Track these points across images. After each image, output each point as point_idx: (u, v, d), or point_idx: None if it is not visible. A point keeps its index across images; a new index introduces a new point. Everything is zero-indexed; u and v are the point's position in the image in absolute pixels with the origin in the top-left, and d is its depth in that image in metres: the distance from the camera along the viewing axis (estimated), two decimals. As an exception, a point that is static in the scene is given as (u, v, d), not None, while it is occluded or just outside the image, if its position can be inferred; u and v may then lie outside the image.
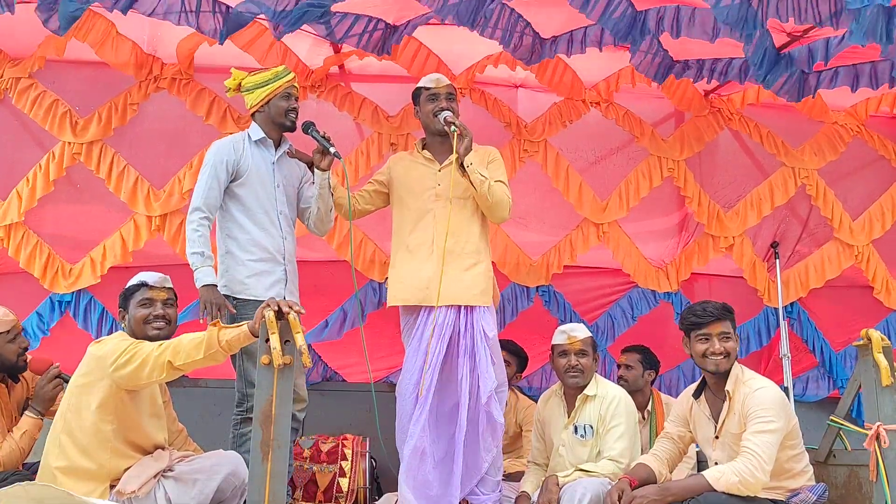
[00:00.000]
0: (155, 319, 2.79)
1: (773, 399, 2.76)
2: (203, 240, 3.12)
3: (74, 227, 4.32)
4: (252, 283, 3.18)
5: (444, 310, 3.27)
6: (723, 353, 2.86)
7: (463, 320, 3.29)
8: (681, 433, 3.06)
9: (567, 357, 3.35)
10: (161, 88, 4.26)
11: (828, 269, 4.70)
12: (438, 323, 3.26)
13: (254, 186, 3.24)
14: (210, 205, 3.18)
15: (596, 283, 4.74)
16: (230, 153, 3.23)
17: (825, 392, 4.74)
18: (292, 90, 3.33)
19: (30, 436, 2.97)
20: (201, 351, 2.48)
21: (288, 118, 3.30)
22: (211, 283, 3.10)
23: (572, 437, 3.31)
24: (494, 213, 3.37)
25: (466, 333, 3.27)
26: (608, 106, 4.61)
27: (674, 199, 4.79)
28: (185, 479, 2.66)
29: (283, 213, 3.30)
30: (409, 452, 3.16)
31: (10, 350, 3.03)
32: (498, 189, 3.33)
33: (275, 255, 3.24)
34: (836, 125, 4.78)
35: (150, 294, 2.82)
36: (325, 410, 4.07)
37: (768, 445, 2.68)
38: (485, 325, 3.29)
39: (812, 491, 2.80)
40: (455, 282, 3.28)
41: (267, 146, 3.32)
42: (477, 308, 3.31)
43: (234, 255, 3.22)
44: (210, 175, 3.19)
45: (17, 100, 4.15)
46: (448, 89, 3.43)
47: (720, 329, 2.88)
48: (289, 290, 3.28)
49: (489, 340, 3.28)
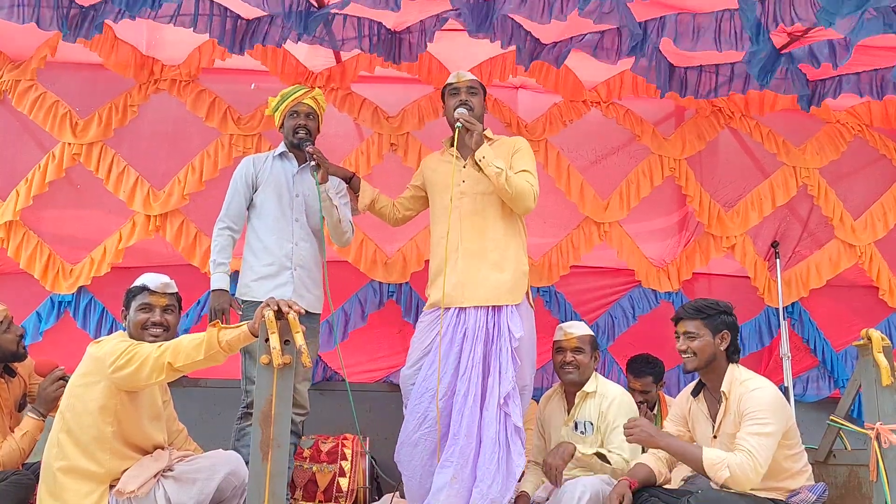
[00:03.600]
0: (153, 326, 2.79)
1: (769, 400, 2.75)
2: (219, 248, 3.41)
3: (75, 228, 4.33)
4: (256, 286, 3.38)
5: (473, 310, 3.23)
6: (687, 352, 2.89)
7: (491, 320, 3.23)
8: (680, 432, 3.05)
9: (563, 353, 3.37)
10: (161, 90, 4.27)
11: (829, 268, 4.69)
12: (460, 324, 3.22)
13: (271, 196, 3.49)
14: (231, 215, 3.48)
15: (597, 283, 4.73)
16: (249, 167, 3.54)
17: (825, 392, 4.73)
18: (299, 107, 3.54)
19: (31, 437, 2.98)
20: (201, 352, 2.47)
21: (295, 136, 3.53)
22: (218, 289, 3.33)
23: (572, 433, 3.31)
24: (517, 204, 3.30)
25: (492, 333, 3.21)
26: (608, 105, 4.61)
27: (674, 199, 4.78)
28: (185, 478, 2.66)
29: (300, 220, 3.49)
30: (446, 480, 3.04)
31: (8, 340, 3.05)
32: (518, 179, 3.27)
33: (283, 260, 3.40)
34: (838, 124, 4.77)
35: (150, 299, 2.82)
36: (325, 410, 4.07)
37: (765, 448, 2.66)
38: (511, 325, 3.22)
39: (812, 490, 2.79)
40: (479, 282, 3.24)
41: (289, 159, 3.57)
42: (504, 308, 3.25)
43: (247, 261, 3.47)
44: (232, 189, 3.53)
45: (18, 101, 4.16)
46: (469, 84, 3.44)
47: (684, 328, 2.92)
48: (296, 294, 3.36)
49: (514, 341, 3.19)
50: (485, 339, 3.20)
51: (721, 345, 2.89)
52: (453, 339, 3.22)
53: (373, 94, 4.47)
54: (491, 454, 3.05)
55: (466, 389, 3.14)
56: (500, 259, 3.29)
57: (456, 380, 3.18)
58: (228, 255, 3.41)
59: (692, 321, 2.91)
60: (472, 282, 3.25)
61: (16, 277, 4.24)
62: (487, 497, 2.98)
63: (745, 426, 2.72)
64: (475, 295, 3.24)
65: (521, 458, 3.10)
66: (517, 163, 3.35)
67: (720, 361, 2.90)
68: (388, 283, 4.46)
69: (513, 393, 3.15)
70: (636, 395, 3.73)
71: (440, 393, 3.16)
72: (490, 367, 3.17)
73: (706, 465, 2.70)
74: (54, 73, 4.24)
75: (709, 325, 2.90)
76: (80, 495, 2.59)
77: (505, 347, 3.18)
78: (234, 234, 3.46)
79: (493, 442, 3.07)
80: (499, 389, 3.13)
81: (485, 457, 3.05)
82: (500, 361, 3.17)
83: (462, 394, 3.14)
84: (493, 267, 3.27)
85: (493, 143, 3.44)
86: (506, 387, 3.13)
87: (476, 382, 3.14)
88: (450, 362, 3.19)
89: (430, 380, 3.21)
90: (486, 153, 3.28)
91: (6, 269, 4.28)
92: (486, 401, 3.13)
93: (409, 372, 3.34)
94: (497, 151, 3.36)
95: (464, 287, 3.26)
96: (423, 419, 3.21)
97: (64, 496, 2.58)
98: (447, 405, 3.17)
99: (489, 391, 3.14)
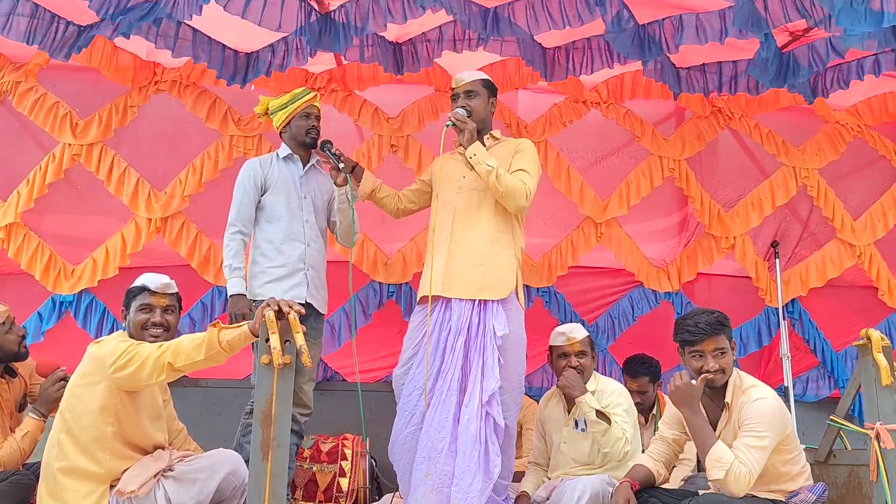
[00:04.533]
0: (153, 326, 2.78)
1: (770, 413, 2.71)
2: (233, 253, 3.38)
3: (76, 228, 4.33)
4: (269, 288, 3.35)
5: (457, 304, 3.21)
6: (718, 370, 2.80)
7: (476, 316, 3.19)
8: (675, 436, 3.03)
9: (567, 359, 3.36)
10: (161, 91, 4.28)
11: (829, 268, 4.69)
12: (444, 318, 3.21)
13: (280, 198, 3.47)
14: (243, 219, 3.44)
15: (596, 283, 4.73)
16: (257, 169, 3.50)
17: (825, 392, 4.73)
18: (311, 109, 3.55)
19: (31, 437, 2.98)
20: (202, 352, 2.46)
21: (308, 136, 3.53)
22: (237, 293, 3.32)
23: (573, 432, 3.31)
24: (508, 202, 3.28)
25: (475, 329, 3.17)
26: (609, 106, 4.62)
27: (674, 199, 4.79)
28: (185, 478, 2.66)
29: (309, 222, 3.51)
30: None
31: (10, 340, 3.06)
32: (509, 178, 3.25)
33: (296, 261, 3.42)
34: (837, 125, 4.78)
35: (150, 300, 2.81)
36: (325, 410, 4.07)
37: (759, 461, 2.66)
38: (495, 323, 3.18)
39: (812, 491, 2.78)
40: (464, 275, 3.22)
41: (294, 161, 3.56)
42: (489, 304, 3.21)
43: (258, 263, 3.44)
44: (242, 192, 3.47)
45: (18, 102, 4.17)
46: (467, 87, 3.42)
47: (713, 346, 2.80)
48: (310, 294, 3.40)
49: (496, 339, 3.15)
50: (467, 334, 3.16)
51: (734, 355, 2.87)
52: (440, 336, 3.21)
53: (373, 96, 4.48)
54: (471, 452, 3.00)
55: (442, 384, 3.12)
56: (486, 254, 3.26)
57: (439, 375, 3.16)
58: (242, 260, 3.40)
59: (719, 337, 2.81)
60: (458, 275, 3.23)
61: (17, 278, 4.24)
62: (468, 496, 2.94)
63: (742, 436, 2.71)
64: (459, 287, 3.22)
65: (498, 459, 3.05)
66: (517, 162, 3.34)
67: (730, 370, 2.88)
68: (388, 284, 4.46)
69: (496, 392, 3.10)
70: (634, 396, 3.72)
71: (428, 390, 3.14)
72: (472, 364, 3.13)
73: (711, 455, 2.68)
74: (55, 74, 4.25)
75: (728, 336, 2.85)
76: (80, 495, 2.58)
77: (490, 345, 3.14)
78: (245, 237, 3.44)
79: (474, 440, 3.01)
80: (481, 387, 3.08)
81: (464, 455, 3.00)
82: (483, 359, 3.13)
83: (439, 389, 3.13)
84: (479, 262, 3.24)
85: (498, 144, 3.43)
86: (490, 385, 3.08)
87: (456, 377, 3.11)
88: (437, 360, 3.18)
89: (418, 378, 3.21)
90: (477, 151, 3.28)
91: (7, 269, 4.28)
92: (466, 397, 3.09)
93: (401, 371, 3.33)
94: (500, 151, 3.36)
95: (448, 279, 3.24)
96: (410, 417, 3.21)
97: (64, 496, 2.58)
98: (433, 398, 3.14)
99: (471, 388, 3.10)
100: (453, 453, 3.04)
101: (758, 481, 2.69)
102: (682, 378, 2.82)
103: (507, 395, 3.18)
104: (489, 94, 3.46)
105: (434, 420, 3.08)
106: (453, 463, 3.03)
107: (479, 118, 3.40)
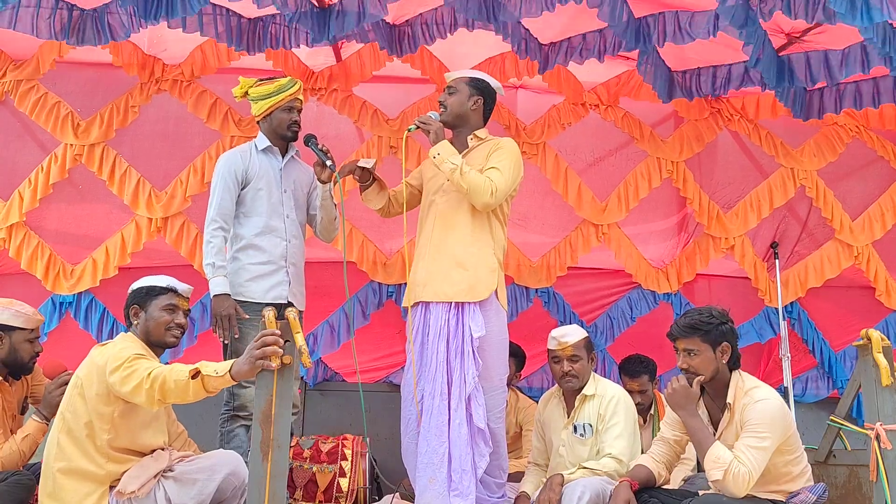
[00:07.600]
0: (176, 328, 2.82)
1: (771, 414, 2.72)
2: (215, 250, 3.21)
3: (76, 228, 4.33)
4: (251, 286, 3.25)
5: (435, 307, 3.20)
6: (689, 369, 2.83)
7: (453, 318, 3.17)
8: (676, 437, 3.03)
9: (560, 363, 3.36)
10: (162, 90, 4.28)
11: (827, 269, 4.69)
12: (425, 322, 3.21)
13: (261, 192, 3.32)
14: (224, 214, 3.27)
15: (595, 284, 4.74)
16: (238, 162, 3.32)
17: (825, 392, 4.74)
18: (295, 103, 3.40)
19: (32, 439, 2.97)
20: (188, 395, 2.46)
21: (290, 130, 3.39)
22: (221, 293, 3.16)
23: (572, 436, 3.31)
24: (473, 200, 3.20)
25: (453, 331, 3.16)
26: (607, 108, 4.62)
27: (673, 200, 4.79)
28: (185, 479, 2.66)
29: (290, 216, 3.38)
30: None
31: (27, 350, 3.05)
32: (473, 175, 3.17)
33: (277, 259, 3.30)
34: (835, 126, 4.78)
35: (176, 301, 2.84)
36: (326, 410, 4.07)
37: (760, 462, 2.66)
38: (472, 324, 3.14)
39: (812, 491, 2.79)
40: (441, 278, 3.20)
41: (274, 153, 3.41)
42: (466, 306, 3.18)
43: (238, 259, 3.30)
44: (222, 186, 3.28)
45: (20, 102, 4.17)
46: (449, 83, 3.41)
47: (684, 346, 2.85)
48: (291, 293, 3.32)
49: (474, 341, 3.12)
50: (447, 337, 3.16)
51: (723, 358, 2.85)
52: (424, 340, 3.22)
53: (373, 97, 4.47)
54: (465, 455, 3.02)
55: (432, 389, 3.12)
56: (463, 256, 3.22)
57: (428, 381, 3.15)
58: (225, 258, 3.24)
59: (690, 338, 2.84)
60: (436, 278, 3.22)
61: (17, 278, 4.24)
62: (467, 499, 2.96)
63: (743, 437, 2.71)
64: (437, 291, 3.20)
65: (482, 461, 3.06)
66: (491, 160, 3.27)
67: (723, 373, 2.86)
68: (387, 284, 4.46)
69: (475, 394, 3.09)
70: (634, 396, 3.73)
71: (418, 395, 3.15)
72: (453, 368, 3.13)
73: (709, 456, 2.69)
74: (56, 73, 4.25)
75: (707, 339, 2.83)
76: (80, 496, 2.58)
77: (467, 349, 3.12)
78: (226, 234, 3.28)
79: (466, 443, 3.05)
80: (460, 390, 3.09)
81: (459, 459, 3.02)
82: (461, 361, 3.12)
83: (429, 394, 3.13)
84: (457, 264, 3.21)
85: (482, 143, 3.37)
86: (467, 387, 3.08)
87: (441, 381, 3.11)
88: (424, 365, 3.18)
89: (410, 384, 3.22)
90: (441, 150, 3.22)
91: (7, 269, 4.28)
92: (452, 400, 3.10)
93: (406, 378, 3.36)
94: (481, 151, 3.31)
95: (427, 284, 3.24)
96: (407, 423, 3.24)
97: (64, 497, 2.58)
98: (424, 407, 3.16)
99: (454, 391, 3.11)
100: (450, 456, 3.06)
101: (759, 481, 2.69)
102: (679, 381, 2.86)
103: (488, 396, 3.16)
104: (472, 91, 3.37)
105: (431, 426, 3.08)
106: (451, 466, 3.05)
107: (454, 113, 3.35)
